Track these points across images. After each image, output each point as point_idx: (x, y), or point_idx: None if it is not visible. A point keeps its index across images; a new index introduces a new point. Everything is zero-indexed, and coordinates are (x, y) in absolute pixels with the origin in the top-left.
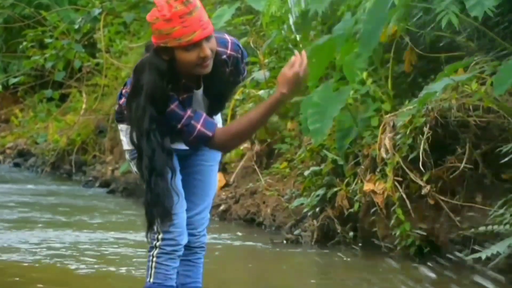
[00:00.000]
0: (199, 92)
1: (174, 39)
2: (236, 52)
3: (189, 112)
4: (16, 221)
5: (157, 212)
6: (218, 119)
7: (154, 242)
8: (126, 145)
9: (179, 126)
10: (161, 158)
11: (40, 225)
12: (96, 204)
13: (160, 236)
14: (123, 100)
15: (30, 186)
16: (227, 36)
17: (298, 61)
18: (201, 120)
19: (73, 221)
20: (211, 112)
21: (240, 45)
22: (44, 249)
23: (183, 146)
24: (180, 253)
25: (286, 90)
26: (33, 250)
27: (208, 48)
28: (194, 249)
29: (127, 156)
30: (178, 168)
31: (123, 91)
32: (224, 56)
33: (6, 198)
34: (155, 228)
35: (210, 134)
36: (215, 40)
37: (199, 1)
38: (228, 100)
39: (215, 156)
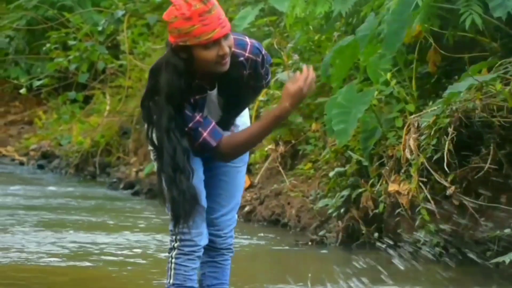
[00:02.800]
0: (213, 93)
1: (193, 37)
2: (255, 56)
3: (198, 116)
4: (41, 223)
5: (184, 208)
6: (245, 119)
7: (173, 243)
8: (150, 146)
9: (186, 128)
10: (182, 156)
11: (65, 227)
12: (121, 206)
13: (178, 237)
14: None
15: (54, 188)
16: (247, 39)
17: (303, 77)
18: (209, 128)
19: (98, 223)
20: (227, 113)
21: (262, 49)
22: (73, 252)
23: None
24: (199, 254)
25: (289, 105)
26: (60, 252)
27: (227, 46)
28: (220, 251)
29: (152, 156)
30: (200, 169)
31: (149, 74)
32: (242, 58)
33: (31, 200)
34: (181, 223)
35: (214, 144)
36: (234, 41)
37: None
38: (250, 103)
39: (242, 158)
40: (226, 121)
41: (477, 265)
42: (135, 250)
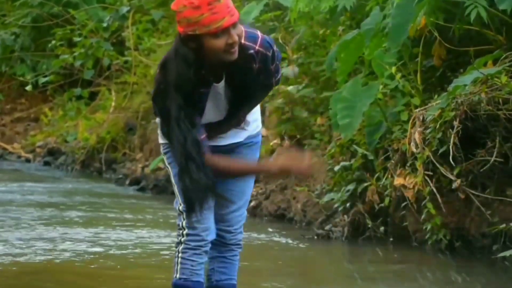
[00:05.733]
0: (220, 85)
1: (203, 26)
2: (265, 49)
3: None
4: (48, 220)
5: (198, 196)
6: (257, 115)
7: (180, 238)
8: (161, 139)
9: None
10: (192, 145)
11: (71, 224)
12: (127, 202)
13: (185, 232)
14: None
15: (61, 185)
16: (258, 33)
17: (309, 164)
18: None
19: (104, 219)
20: (235, 107)
21: (273, 45)
22: (83, 248)
23: (221, 142)
24: (206, 248)
25: (278, 173)
26: (67, 248)
27: (236, 34)
28: (229, 246)
29: (162, 149)
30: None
31: (159, 65)
32: (252, 51)
33: (38, 197)
34: (194, 212)
35: None
36: (245, 34)
37: None
38: (259, 100)
39: (254, 155)
40: (235, 116)
41: (483, 258)
42: (141, 245)
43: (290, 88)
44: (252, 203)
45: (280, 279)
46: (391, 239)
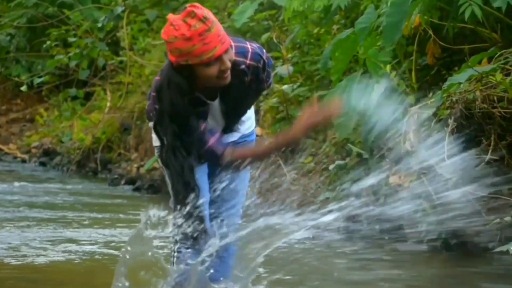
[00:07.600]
0: (215, 102)
1: (195, 56)
2: (256, 62)
3: (203, 126)
4: (44, 220)
5: (195, 227)
6: (250, 113)
7: (176, 237)
8: (154, 141)
9: (192, 138)
10: (189, 173)
11: (71, 224)
12: (123, 202)
13: (181, 231)
14: (150, 102)
15: (56, 185)
16: (248, 45)
17: (325, 111)
18: (215, 137)
19: (100, 220)
20: (231, 119)
21: (263, 53)
22: (86, 249)
23: None
24: (202, 248)
25: (303, 135)
26: (65, 249)
27: (228, 60)
28: (224, 245)
29: (156, 152)
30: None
31: (153, 94)
32: (243, 66)
33: (34, 198)
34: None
35: (219, 152)
36: (234, 49)
37: (212, 15)
38: (251, 105)
39: None
40: (232, 125)
41: (480, 256)
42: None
43: (284, 87)
44: (247, 202)
45: (277, 279)
46: (386, 238)
